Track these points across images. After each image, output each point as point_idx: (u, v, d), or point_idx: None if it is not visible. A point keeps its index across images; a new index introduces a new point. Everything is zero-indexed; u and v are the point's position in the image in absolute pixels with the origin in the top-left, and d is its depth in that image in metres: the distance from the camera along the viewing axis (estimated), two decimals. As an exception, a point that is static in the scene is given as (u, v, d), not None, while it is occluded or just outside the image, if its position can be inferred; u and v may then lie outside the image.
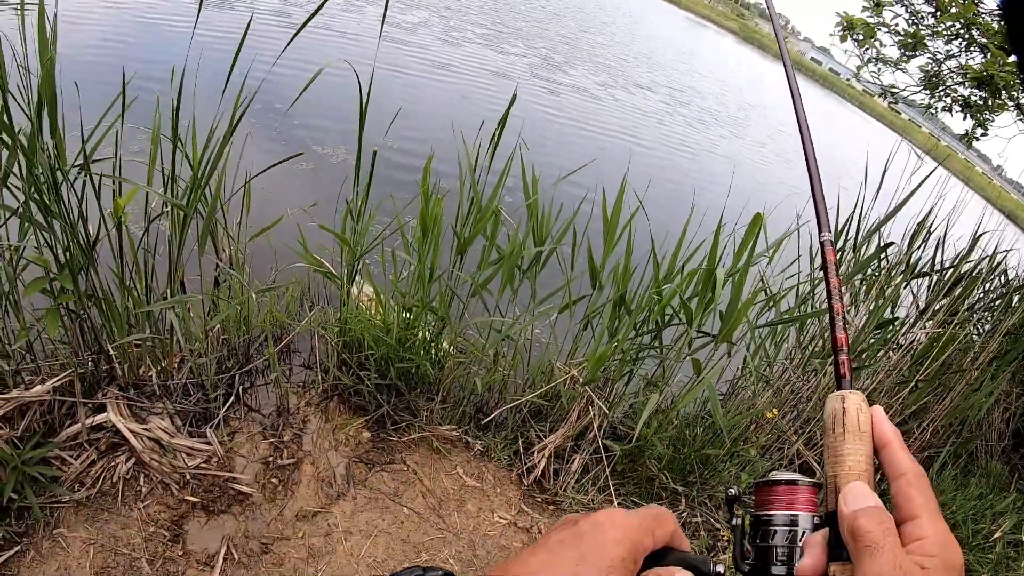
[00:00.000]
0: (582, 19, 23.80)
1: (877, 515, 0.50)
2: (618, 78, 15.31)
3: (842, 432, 0.56)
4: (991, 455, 4.33)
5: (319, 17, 2.52)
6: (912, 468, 0.53)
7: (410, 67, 9.05)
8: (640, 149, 9.86)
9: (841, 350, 0.63)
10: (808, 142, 0.77)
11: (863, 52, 4.34)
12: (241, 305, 3.15)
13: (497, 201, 2.85)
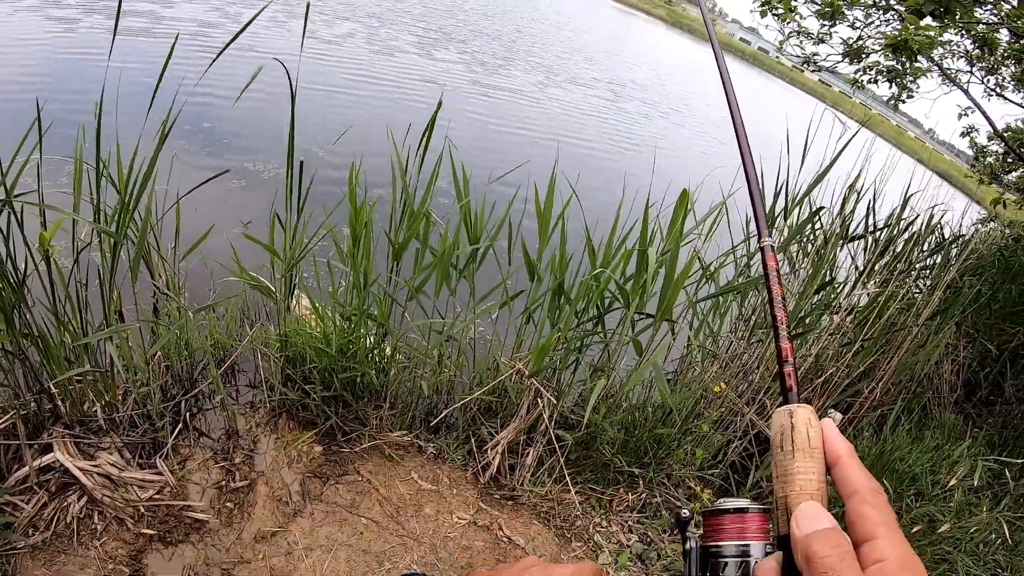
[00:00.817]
0: (512, 18, 23.64)
1: (832, 538, 0.47)
2: (555, 76, 15.24)
3: (791, 450, 0.53)
4: (944, 407, 4.43)
5: (245, 39, 2.47)
6: (867, 484, 0.50)
7: (340, 79, 8.93)
8: (581, 148, 9.88)
9: (786, 361, 0.59)
10: (745, 147, 0.73)
11: (784, 26, 4.39)
12: (180, 329, 3.08)
13: (429, 204, 2.82)
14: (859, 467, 0.51)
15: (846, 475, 0.51)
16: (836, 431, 0.54)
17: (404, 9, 16.62)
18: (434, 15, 17.64)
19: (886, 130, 11.76)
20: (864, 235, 3.69)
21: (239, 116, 6.20)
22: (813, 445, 0.53)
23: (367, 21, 13.45)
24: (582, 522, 2.98)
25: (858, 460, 0.52)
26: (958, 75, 4.85)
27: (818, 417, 0.54)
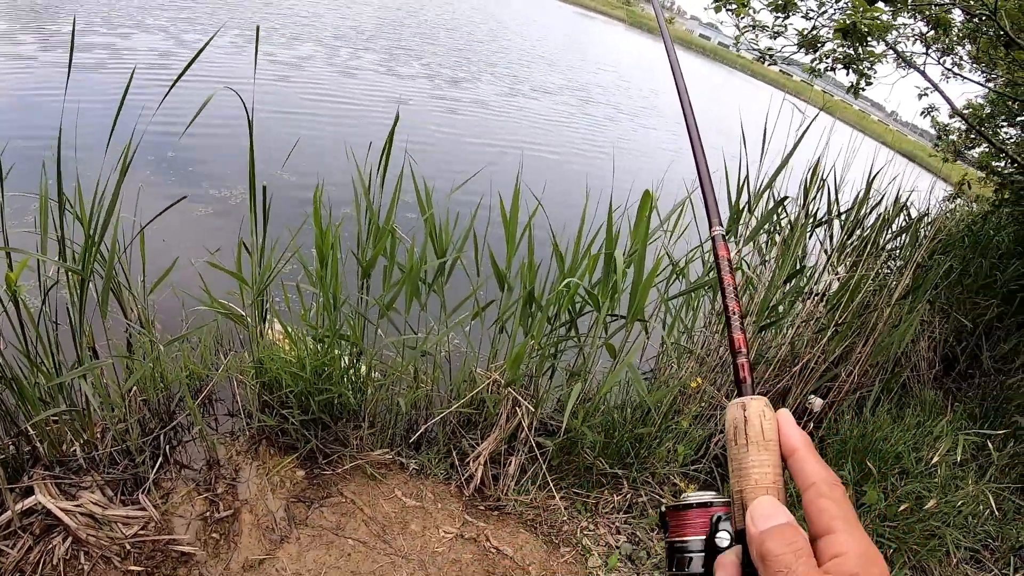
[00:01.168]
0: (475, 30, 23.63)
1: (787, 535, 0.46)
2: (520, 85, 15.22)
3: (745, 443, 0.52)
4: (923, 384, 4.47)
5: (205, 66, 2.46)
6: (823, 476, 0.49)
7: (301, 101, 8.88)
8: (549, 156, 9.87)
9: (740, 352, 0.59)
10: (696, 138, 0.72)
11: (739, 21, 4.42)
12: (154, 363, 3.05)
13: (393, 220, 2.81)
14: (816, 459, 0.51)
15: (802, 467, 0.50)
16: (792, 423, 0.53)
17: (364, 28, 16.53)
18: (395, 31, 17.58)
19: (849, 115, 11.92)
20: (830, 219, 3.71)
21: (203, 143, 6.17)
22: (767, 437, 0.52)
23: (328, 41, 13.36)
24: (569, 527, 2.97)
25: (815, 452, 0.51)
26: (914, 57, 4.92)
27: (773, 409, 0.53)
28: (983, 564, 3.96)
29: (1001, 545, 4.08)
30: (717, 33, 69.33)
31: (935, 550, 3.61)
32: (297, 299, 3.16)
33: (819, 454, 0.51)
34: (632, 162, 10.79)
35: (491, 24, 27.36)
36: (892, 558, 3.56)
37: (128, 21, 10.53)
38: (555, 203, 3.05)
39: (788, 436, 0.52)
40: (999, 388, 4.89)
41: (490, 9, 34.10)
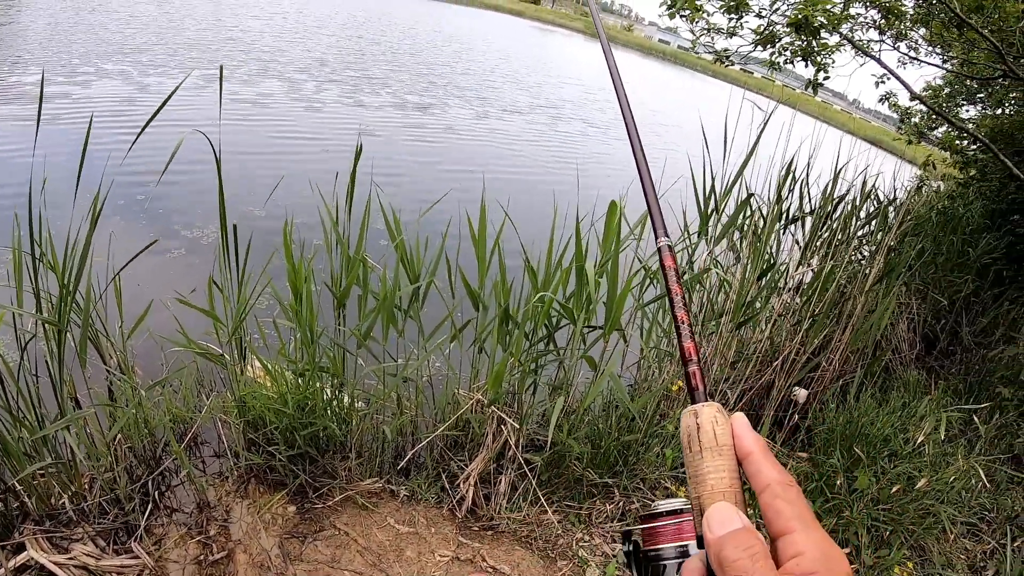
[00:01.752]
0: (437, 53, 23.57)
1: (744, 540, 0.46)
2: (488, 107, 15.11)
3: (699, 450, 0.52)
4: (906, 365, 4.52)
5: (168, 108, 2.47)
6: (778, 478, 0.49)
7: (269, 137, 8.85)
8: (522, 175, 9.85)
9: (690, 360, 0.58)
10: (639, 150, 0.72)
11: (694, 26, 4.49)
12: (137, 409, 3.03)
13: (363, 249, 2.82)
14: (770, 461, 0.50)
15: (757, 470, 0.50)
16: (746, 426, 0.53)
17: (327, 59, 16.40)
18: (358, 61, 17.50)
19: (812, 107, 12.05)
20: (801, 215, 3.76)
21: (172, 185, 6.14)
22: (721, 443, 0.52)
23: (292, 76, 13.26)
24: (564, 540, 2.97)
25: (770, 454, 0.51)
26: (870, 45, 4.99)
27: (726, 414, 0.54)
28: (981, 537, 4.00)
29: (997, 516, 4.12)
30: (676, 37, 70.17)
31: (931, 528, 3.64)
32: (275, 335, 3.15)
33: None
34: (603, 174, 10.83)
35: (453, 46, 27.36)
36: (889, 539, 3.58)
37: (87, 68, 10.45)
38: (526, 220, 3.06)
39: (742, 440, 0.52)
40: (981, 362, 4.96)
41: (450, 31, 34.17)
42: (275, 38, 17.84)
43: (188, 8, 20.59)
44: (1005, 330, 5.29)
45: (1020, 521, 4.07)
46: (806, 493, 3.50)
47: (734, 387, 3.31)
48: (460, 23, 40.51)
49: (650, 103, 23.82)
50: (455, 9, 53.07)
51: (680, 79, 44.87)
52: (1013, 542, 3.84)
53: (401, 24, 30.71)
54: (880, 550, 3.55)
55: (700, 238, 3.19)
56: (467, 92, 16.40)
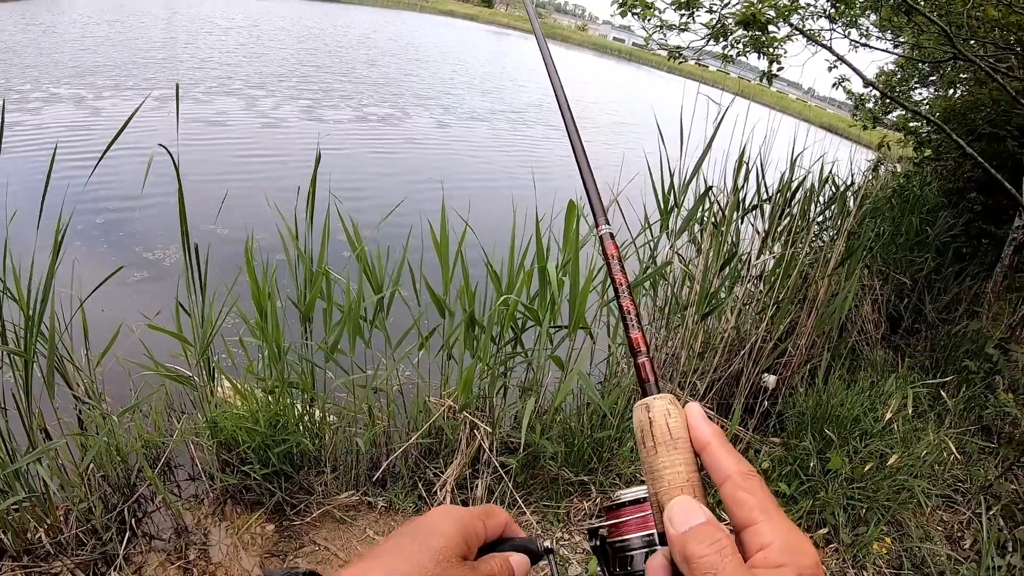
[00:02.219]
0: (396, 63, 23.25)
1: (708, 534, 0.44)
2: (450, 115, 15.02)
3: (653, 445, 0.50)
4: (873, 345, 4.61)
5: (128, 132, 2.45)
6: (737, 468, 0.47)
7: (229, 155, 8.76)
8: (483, 182, 9.82)
9: (639, 352, 0.56)
10: (575, 136, 0.70)
11: (646, 23, 4.53)
12: (108, 436, 3.00)
13: (325, 262, 2.81)
14: (728, 451, 0.49)
15: (715, 461, 0.48)
16: (701, 417, 0.51)
17: (284, 74, 16.14)
18: (317, 74, 17.27)
19: (768, 98, 12.24)
20: (759, 204, 3.82)
21: (132, 207, 6.09)
22: (676, 436, 0.50)
23: (250, 92, 13.04)
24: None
25: (727, 443, 0.49)
26: (821, 34, 5.09)
27: (679, 405, 0.51)
28: (956, 508, 4.08)
29: (971, 487, 4.20)
30: (631, 35, 70.67)
31: (906, 503, 3.71)
32: (242, 354, 3.14)
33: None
34: (565, 175, 10.87)
35: (410, 54, 27.13)
36: (866, 517, 3.65)
37: (37, 93, 10.27)
38: (490, 225, 3.08)
39: (698, 431, 0.50)
40: (946, 337, 5.07)
41: (408, 39, 34.00)
42: (231, 54, 17.56)
43: (141, 28, 20.30)
44: (968, 305, 5.42)
45: (994, 490, 4.16)
46: (781, 477, 3.55)
47: (703, 378, 3.36)
48: (415, 31, 40.39)
49: (604, 102, 23.93)
50: (409, 17, 52.93)
51: (636, 76, 45.18)
52: (988, 511, 3.90)
53: (357, 35, 30.52)
54: (858, 528, 3.62)
55: (662, 232, 3.23)
56: (428, 100, 16.33)
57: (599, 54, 61.21)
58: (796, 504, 3.56)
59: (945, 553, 3.59)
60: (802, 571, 0.42)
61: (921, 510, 3.90)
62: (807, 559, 0.43)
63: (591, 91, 27.04)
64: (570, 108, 0.73)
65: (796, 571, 0.42)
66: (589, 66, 44.23)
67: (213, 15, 26.98)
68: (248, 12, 30.79)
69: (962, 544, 3.85)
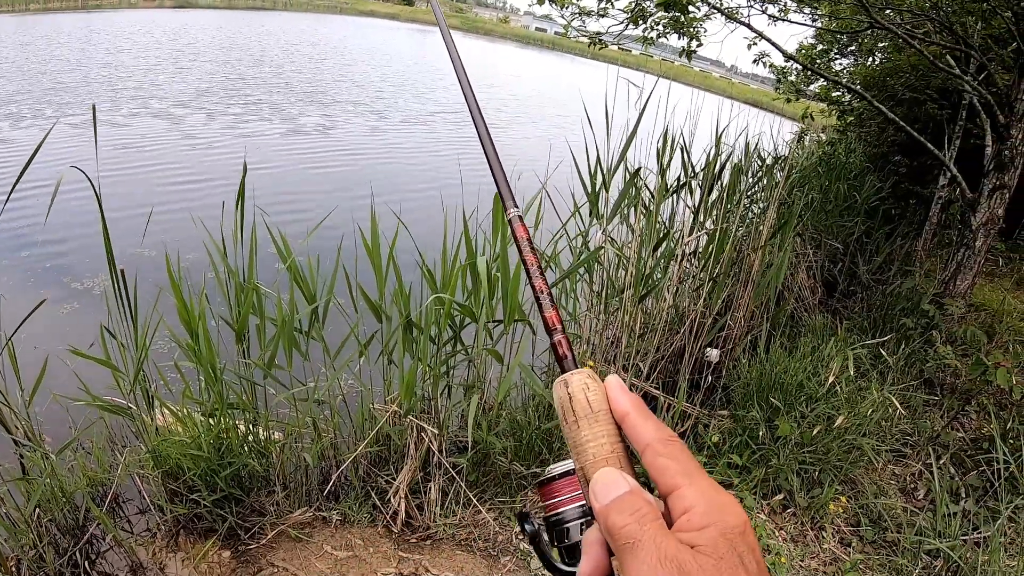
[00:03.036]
0: (322, 68, 22.76)
1: (629, 504, 0.45)
2: (382, 121, 14.76)
3: (575, 420, 0.50)
4: (811, 311, 4.74)
5: (43, 154, 2.36)
6: (656, 435, 0.47)
7: (152, 175, 8.51)
8: (417, 185, 9.68)
9: (555, 330, 0.56)
10: (481, 122, 0.69)
11: (564, 11, 4.58)
12: (50, 478, 2.91)
13: (255, 277, 2.76)
14: (646, 419, 0.49)
15: (635, 431, 0.49)
16: (620, 388, 0.51)
17: (209, 90, 15.64)
18: (240, 85, 16.82)
19: (692, 78, 12.51)
20: (687, 181, 3.88)
21: (56, 236, 5.91)
22: (596, 408, 0.50)
23: (173, 110, 12.67)
24: (503, 536, 3.00)
25: (646, 411, 0.50)
26: (740, 11, 5.20)
27: (598, 379, 0.52)
28: (907, 462, 4.22)
29: (919, 440, 4.35)
30: (552, 24, 71.09)
31: (857, 461, 3.82)
32: (179, 379, 3.06)
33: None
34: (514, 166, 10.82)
35: (336, 59, 26.60)
36: (820, 478, 3.75)
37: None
38: (425, 225, 3.06)
39: (616, 402, 0.50)
40: (882, 297, 5.25)
41: (332, 43, 33.37)
42: (146, 72, 17.01)
43: (53, 48, 19.51)
44: (900, 264, 5.63)
45: (942, 440, 4.31)
46: (732, 449, 3.62)
47: (645, 358, 3.40)
48: (339, 34, 39.82)
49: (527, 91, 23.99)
50: (331, 20, 52.18)
51: (559, 64, 45.46)
52: (938, 461, 4.05)
53: (280, 42, 29.88)
54: (813, 490, 3.72)
55: (592, 217, 3.26)
56: (361, 107, 16.12)
57: (522, 45, 61.44)
58: (750, 473, 3.64)
59: (900, 506, 3.71)
60: (726, 530, 0.42)
61: (873, 467, 4.03)
62: (732, 518, 0.43)
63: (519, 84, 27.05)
64: (474, 93, 0.73)
65: (720, 530, 0.42)
66: (513, 58, 44.35)
67: (131, 31, 26.16)
68: (165, 25, 29.93)
69: (916, 495, 3.98)
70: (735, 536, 0.42)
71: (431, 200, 8.63)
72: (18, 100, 11.98)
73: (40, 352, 3.64)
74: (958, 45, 4.75)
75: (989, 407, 4.31)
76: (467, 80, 0.75)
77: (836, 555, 3.40)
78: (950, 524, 3.33)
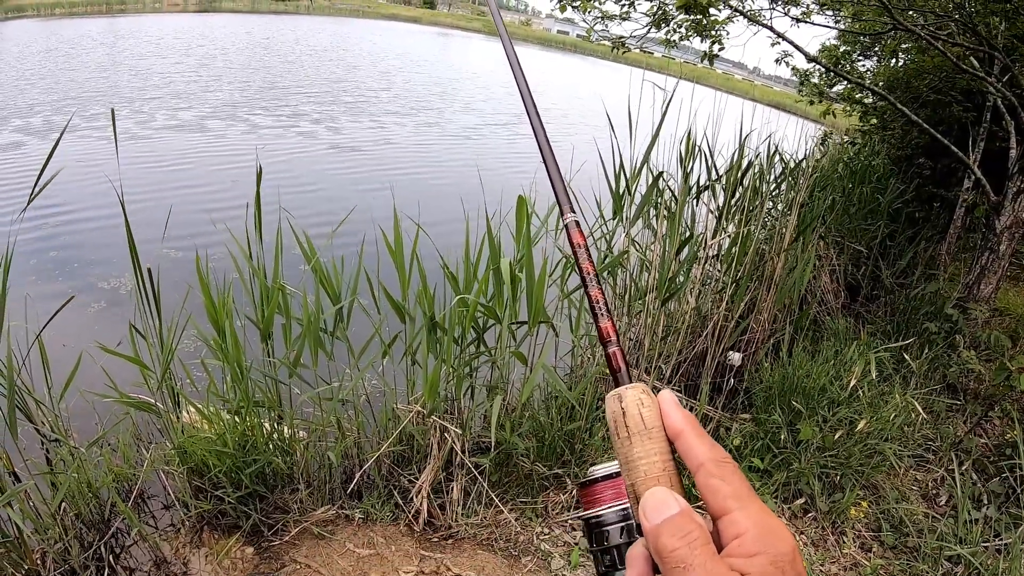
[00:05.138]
0: (358, 73, 22.71)
1: (680, 526, 0.44)
2: (409, 120, 14.80)
3: (627, 436, 0.50)
4: (834, 315, 4.70)
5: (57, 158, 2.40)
6: (710, 455, 0.47)
7: (173, 174, 8.57)
8: (439, 185, 9.78)
9: (609, 341, 0.56)
10: (539, 126, 0.69)
11: (586, 15, 4.57)
12: (77, 472, 2.96)
13: (280, 277, 2.79)
14: (700, 438, 0.48)
15: (688, 449, 0.48)
16: (674, 404, 0.51)
17: (222, 90, 15.68)
18: (261, 88, 16.80)
19: (715, 80, 12.44)
20: (710, 183, 3.87)
21: (82, 236, 6.05)
22: (649, 425, 0.50)
23: (189, 110, 12.67)
24: (525, 536, 3.00)
25: (700, 430, 0.49)
26: (762, 14, 5.17)
27: (652, 394, 0.51)
28: (929, 467, 4.17)
29: (941, 445, 4.30)
30: (575, 27, 70.87)
31: (879, 466, 3.78)
32: (206, 377, 3.10)
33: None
34: (521, 170, 10.83)
35: (379, 65, 26.76)
36: (841, 483, 3.72)
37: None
38: (444, 227, 3.08)
39: (671, 419, 0.50)
40: (905, 301, 5.19)
41: (365, 48, 33.46)
42: (159, 75, 17.05)
43: (83, 53, 19.75)
44: (924, 268, 5.56)
45: (964, 446, 4.26)
46: (753, 452, 3.61)
47: (668, 361, 3.40)
48: (366, 38, 39.90)
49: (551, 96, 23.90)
50: (356, 24, 52.34)
51: (582, 67, 45.26)
52: (960, 466, 3.99)
53: (315, 47, 30.01)
54: (834, 495, 3.69)
55: (616, 221, 3.26)
56: (387, 105, 16.14)
57: (544, 47, 61.23)
58: (771, 477, 3.62)
59: (922, 511, 3.67)
60: (777, 558, 0.42)
61: (894, 472, 3.99)
62: (783, 545, 0.43)
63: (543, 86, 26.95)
64: (533, 99, 0.71)
65: (770, 559, 0.42)
66: (533, 60, 44.26)
67: (161, 35, 26.45)
68: (194, 30, 30.18)
69: (938, 501, 3.94)
70: (785, 564, 0.42)
71: (443, 196, 8.69)
72: (44, 107, 12.15)
73: (67, 350, 3.71)
74: (981, 46, 4.69)
75: (1012, 413, 4.25)
76: (527, 85, 0.74)
77: (856, 560, 3.37)
78: (971, 530, 3.29)
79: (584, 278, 0.59)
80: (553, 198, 0.68)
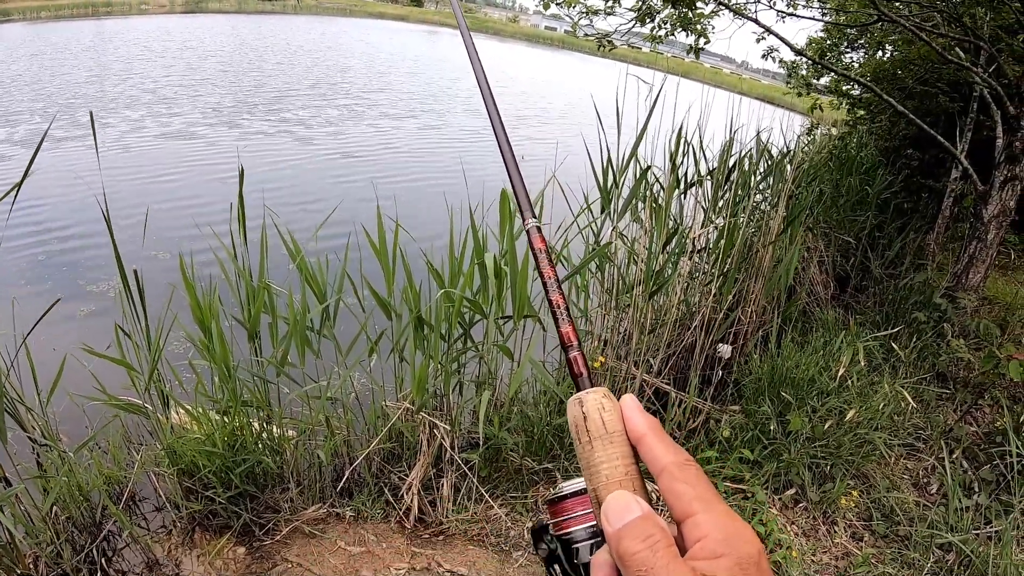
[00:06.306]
0: (350, 73, 22.48)
1: (641, 530, 0.43)
2: (405, 122, 14.76)
3: (588, 440, 0.49)
4: (823, 306, 4.72)
5: (43, 160, 2.39)
6: (673, 458, 0.46)
7: (159, 178, 8.36)
8: (427, 184, 9.68)
9: (570, 346, 0.55)
10: (499, 128, 0.68)
11: (571, 11, 4.57)
12: (68, 475, 2.95)
13: (265, 276, 2.79)
14: (663, 442, 0.48)
15: (651, 453, 0.47)
16: (636, 408, 0.50)
17: (210, 94, 15.46)
18: (250, 91, 16.59)
19: (703, 74, 12.39)
20: (700, 178, 3.87)
21: (70, 241, 6.03)
22: (611, 429, 0.49)
23: (174, 113, 12.58)
24: (515, 531, 3.01)
25: (662, 434, 0.49)
26: (748, 7, 5.18)
27: (614, 398, 0.51)
28: (919, 456, 4.19)
29: (932, 433, 4.32)
30: (562, 23, 70.82)
31: (869, 455, 3.80)
32: (193, 379, 3.10)
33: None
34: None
35: (360, 62, 26.54)
36: (832, 473, 3.73)
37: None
38: (429, 225, 3.08)
39: (632, 423, 0.49)
40: (894, 291, 5.22)
41: (358, 48, 33.31)
42: (144, 79, 16.89)
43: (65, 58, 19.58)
44: (912, 258, 5.59)
45: (954, 434, 4.28)
46: (743, 444, 3.62)
47: (656, 354, 3.41)
48: (357, 37, 39.73)
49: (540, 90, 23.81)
50: (344, 23, 52.03)
51: (569, 62, 45.23)
52: (951, 455, 4.01)
53: (301, 47, 29.81)
54: (824, 485, 3.70)
55: (603, 214, 3.26)
56: (384, 108, 16.08)
57: (531, 44, 61.26)
58: (761, 468, 3.63)
59: (912, 500, 3.69)
60: (742, 559, 0.41)
61: (885, 461, 4.01)
62: (748, 547, 0.42)
63: (527, 83, 26.91)
64: (496, 105, 0.70)
65: (735, 560, 0.41)
66: (523, 57, 44.21)
67: (146, 38, 26.27)
68: (180, 32, 30.00)
69: (928, 490, 3.95)
70: (750, 566, 0.41)
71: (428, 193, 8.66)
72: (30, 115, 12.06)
73: (57, 353, 3.70)
74: (967, 36, 4.71)
75: (1002, 400, 4.28)
76: (490, 91, 0.73)
77: (848, 549, 3.39)
78: (962, 518, 3.31)
79: (545, 283, 0.58)
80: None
